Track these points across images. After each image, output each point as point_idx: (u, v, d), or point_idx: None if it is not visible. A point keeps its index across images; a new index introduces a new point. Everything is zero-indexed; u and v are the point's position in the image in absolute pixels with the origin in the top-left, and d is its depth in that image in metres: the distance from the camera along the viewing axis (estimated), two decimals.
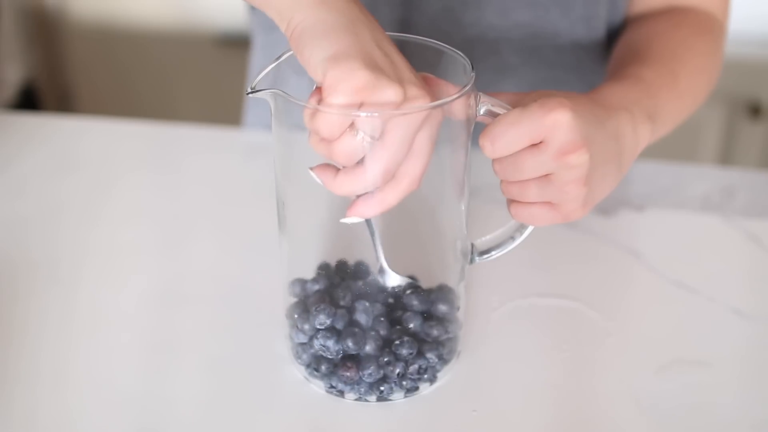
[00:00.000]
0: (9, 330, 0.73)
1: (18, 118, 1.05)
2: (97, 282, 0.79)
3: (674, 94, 0.75)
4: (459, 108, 0.59)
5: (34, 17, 1.93)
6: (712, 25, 0.86)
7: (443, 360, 0.67)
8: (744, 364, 0.72)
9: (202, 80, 1.94)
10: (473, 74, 0.60)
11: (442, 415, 0.66)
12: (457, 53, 0.62)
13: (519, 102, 0.61)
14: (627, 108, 0.66)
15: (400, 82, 0.56)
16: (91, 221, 0.86)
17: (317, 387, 0.67)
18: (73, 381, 0.68)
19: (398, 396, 0.66)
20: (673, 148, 1.66)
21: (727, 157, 1.78)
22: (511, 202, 0.63)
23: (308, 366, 0.67)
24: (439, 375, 0.68)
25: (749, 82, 0.86)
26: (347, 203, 0.60)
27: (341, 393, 0.66)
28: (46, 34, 1.95)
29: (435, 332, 0.66)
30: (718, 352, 0.72)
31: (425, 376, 0.66)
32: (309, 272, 0.68)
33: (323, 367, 0.66)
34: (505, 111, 0.61)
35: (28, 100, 1.88)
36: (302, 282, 0.67)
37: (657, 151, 1.34)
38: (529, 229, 0.66)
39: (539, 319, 0.75)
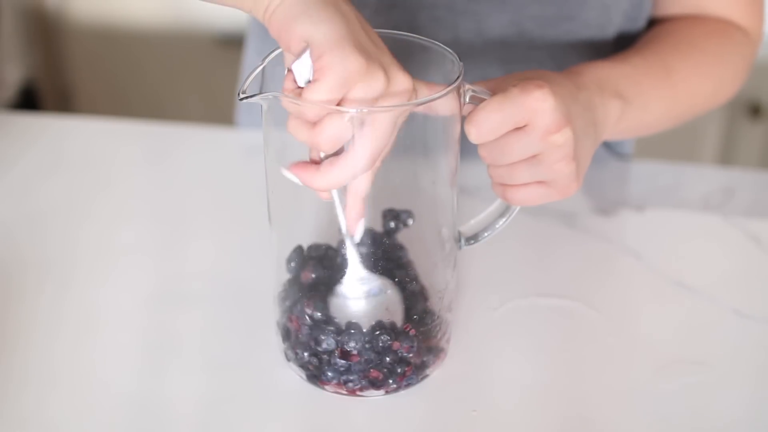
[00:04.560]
0: (8, 330, 0.73)
1: (18, 118, 1.05)
2: (96, 282, 0.78)
3: (662, 84, 0.75)
4: (451, 99, 0.60)
5: (34, 17, 1.93)
6: (733, 35, 0.84)
7: (433, 350, 0.67)
8: (744, 364, 0.72)
9: (201, 80, 1.94)
10: (462, 64, 0.61)
11: (443, 415, 0.66)
12: (444, 48, 0.63)
13: (498, 87, 0.62)
14: (596, 83, 0.68)
15: (386, 67, 0.57)
16: (91, 221, 0.86)
17: (299, 374, 0.67)
18: (71, 381, 0.68)
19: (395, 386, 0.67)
20: (673, 148, 1.66)
21: (727, 157, 1.78)
22: (504, 188, 0.64)
23: (293, 353, 0.68)
24: (433, 368, 0.68)
25: (749, 82, 0.86)
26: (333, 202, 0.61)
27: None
28: (46, 34, 1.95)
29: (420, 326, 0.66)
30: (718, 352, 0.72)
31: (420, 370, 0.66)
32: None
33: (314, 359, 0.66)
34: (487, 97, 0.62)
35: (28, 100, 1.88)
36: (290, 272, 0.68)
37: (657, 151, 1.34)
38: (515, 210, 0.67)
39: (539, 319, 0.75)
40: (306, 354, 0.66)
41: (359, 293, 0.65)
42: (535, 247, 0.83)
